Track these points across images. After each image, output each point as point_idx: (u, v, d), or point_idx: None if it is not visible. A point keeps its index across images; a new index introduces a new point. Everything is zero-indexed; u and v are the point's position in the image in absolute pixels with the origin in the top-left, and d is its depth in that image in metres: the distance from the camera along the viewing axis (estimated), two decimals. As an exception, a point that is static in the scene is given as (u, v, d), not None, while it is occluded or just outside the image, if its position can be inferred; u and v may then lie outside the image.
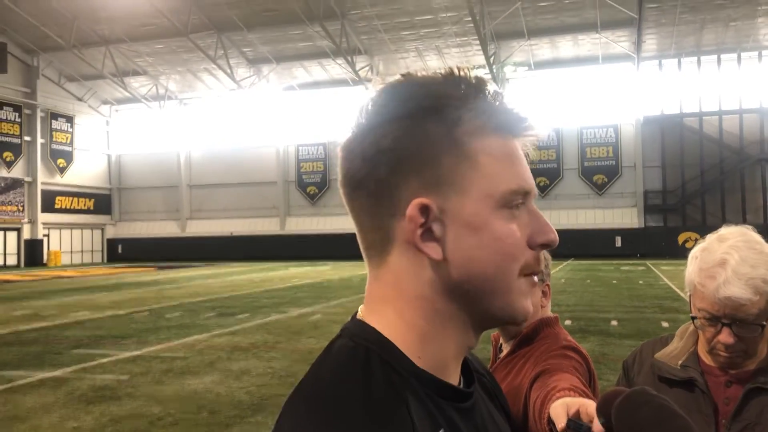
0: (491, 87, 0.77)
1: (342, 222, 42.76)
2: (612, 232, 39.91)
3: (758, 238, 1.50)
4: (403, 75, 0.78)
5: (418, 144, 0.73)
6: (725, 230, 1.53)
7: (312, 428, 0.67)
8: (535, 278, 0.79)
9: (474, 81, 0.77)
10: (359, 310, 0.81)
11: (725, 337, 1.46)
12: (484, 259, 0.74)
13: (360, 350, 0.74)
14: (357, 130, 0.76)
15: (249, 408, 6.77)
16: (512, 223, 0.75)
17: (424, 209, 0.73)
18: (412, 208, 0.72)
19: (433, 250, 0.73)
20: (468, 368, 0.86)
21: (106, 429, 6.14)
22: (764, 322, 1.45)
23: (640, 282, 21.47)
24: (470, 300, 0.76)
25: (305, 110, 45.38)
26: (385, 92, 0.77)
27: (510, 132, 0.77)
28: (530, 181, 0.78)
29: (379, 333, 0.76)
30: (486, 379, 0.95)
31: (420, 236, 0.73)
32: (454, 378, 0.79)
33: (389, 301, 0.77)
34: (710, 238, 1.53)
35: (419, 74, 0.78)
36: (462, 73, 0.77)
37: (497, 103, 0.77)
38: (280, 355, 9.66)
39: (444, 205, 0.73)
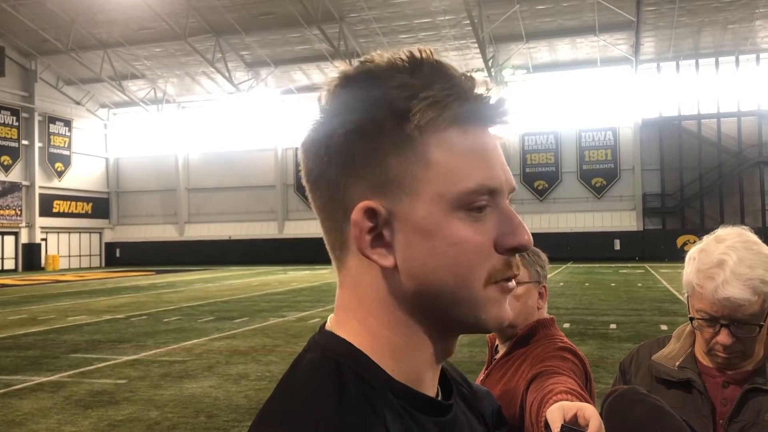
0: (455, 71, 0.69)
1: (340, 225, 42.71)
2: (611, 235, 39.92)
3: (755, 238, 1.50)
4: (361, 61, 0.71)
5: (366, 142, 0.67)
6: (722, 231, 1.53)
7: None
8: (510, 284, 0.70)
9: (434, 65, 0.68)
10: (328, 320, 0.76)
11: (724, 337, 1.45)
12: (440, 268, 0.67)
13: (330, 364, 0.68)
14: (314, 123, 0.71)
15: (247, 412, 6.75)
16: (471, 227, 0.67)
17: (371, 213, 0.67)
18: (356, 213, 0.67)
19: (383, 257, 0.67)
20: (446, 378, 0.80)
21: (103, 433, 6.12)
22: (762, 323, 1.45)
23: (639, 285, 21.47)
24: (432, 309, 0.69)
25: (303, 114, 45.36)
26: (340, 81, 0.70)
27: (475, 121, 0.68)
28: (498, 178, 0.68)
29: (349, 344, 0.70)
30: (465, 389, 0.89)
31: (369, 242, 0.67)
32: (431, 389, 0.73)
33: (353, 311, 0.72)
34: (708, 239, 1.52)
35: (381, 58, 0.69)
36: (423, 56, 0.68)
37: (460, 89, 0.68)
38: (278, 359, 9.64)
39: (393, 209, 0.67)
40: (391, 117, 0.66)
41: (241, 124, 46.74)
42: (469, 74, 0.69)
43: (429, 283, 0.67)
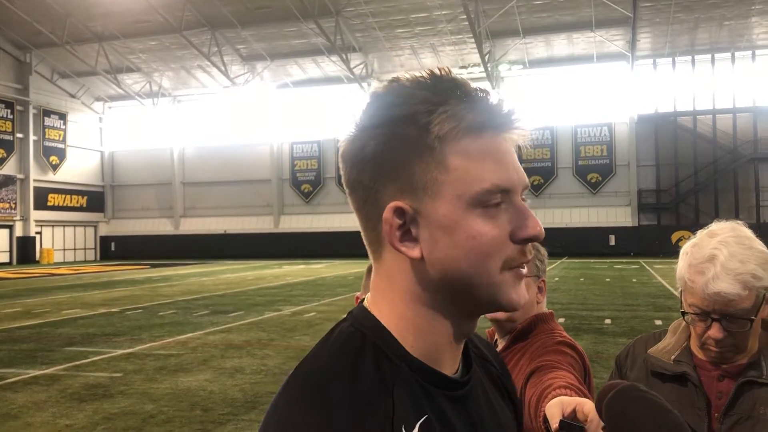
0: (470, 86, 0.79)
1: (336, 220, 42.74)
2: (606, 231, 40.02)
3: (748, 233, 1.50)
4: (390, 80, 0.81)
5: (394, 151, 0.77)
6: (716, 226, 1.54)
7: (295, 406, 0.72)
8: (523, 270, 0.80)
9: (451, 83, 0.78)
10: (366, 297, 0.86)
11: (715, 332, 1.46)
12: (460, 257, 0.76)
13: (357, 335, 0.79)
14: (350, 136, 0.80)
15: (242, 405, 6.76)
16: (488, 222, 0.77)
17: (400, 212, 0.77)
18: (387, 212, 0.77)
19: (411, 249, 0.77)
20: (469, 356, 0.89)
21: (98, 427, 6.12)
22: (753, 317, 1.45)
23: (634, 280, 21.54)
24: (454, 293, 0.79)
25: (300, 108, 45.30)
26: (371, 98, 0.80)
27: (489, 129, 0.78)
28: (510, 179, 0.79)
29: (377, 320, 0.81)
30: (494, 369, 0.97)
31: (399, 237, 0.78)
32: (450, 366, 0.83)
33: (384, 294, 0.82)
34: (701, 233, 1.53)
35: (406, 77, 0.80)
36: (443, 74, 0.79)
37: (475, 102, 0.78)
38: (273, 353, 9.65)
39: (419, 208, 0.77)
40: (415, 129, 0.76)
41: (236, 118, 46.61)
42: (482, 88, 0.79)
43: (451, 270, 0.77)
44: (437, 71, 0.79)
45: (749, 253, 1.44)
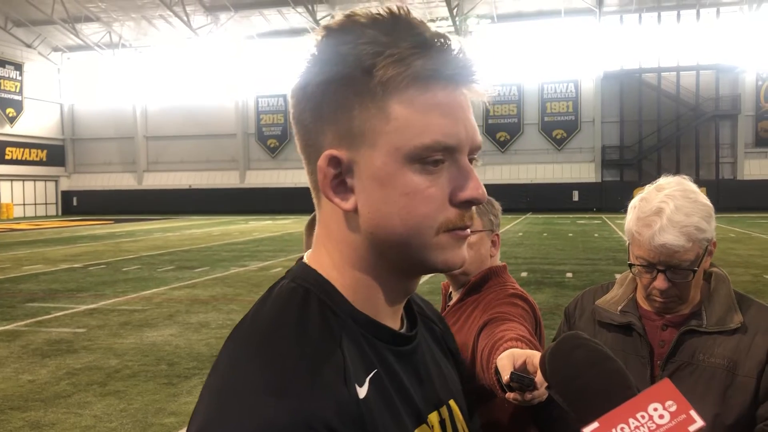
0: (427, 31, 0.72)
1: (303, 175, 41.95)
2: (570, 187, 40.55)
3: (694, 187, 1.56)
4: (347, 14, 0.75)
5: (335, 92, 0.72)
6: (663, 180, 1.59)
7: (245, 365, 0.68)
8: (464, 232, 0.76)
9: (407, 24, 0.72)
10: (306, 253, 0.83)
11: (660, 283, 1.52)
12: (393, 215, 0.72)
13: (300, 291, 0.76)
14: (299, 74, 0.76)
15: (208, 360, 6.80)
16: (425, 179, 0.72)
17: (335, 161, 0.73)
18: (322, 160, 0.73)
19: (344, 201, 0.74)
20: (413, 314, 0.86)
21: (62, 382, 6.11)
22: (696, 268, 1.51)
23: (596, 235, 21.96)
24: (389, 251, 0.75)
25: (265, 61, 44.42)
26: (323, 33, 0.74)
27: (440, 80, 0.71)
28: (457, 136, 0.72)
29: (320, 275, 0.77)
30: (437, 326, 0.95)
31: (332, 188, 0.74)
32: (393, 322, 0.80)
33: (325, 245, 0.79)
34: (649, 188, 1.58)
35: (363, 13, 0.74)
36: (401, 14, 0.73)
37: (429, 48, 0.71)
38: (239, 308, 9.68)
39: (355, 158, 0.72)
40: (358, 71, 0.70)
41: (200, 71, 45.56)
42: (441, 34, 0.72)
43: (383, 227, 0.73)
44: (395, 10, 0.73)
45: (694, 206, 1.50)
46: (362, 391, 0.70)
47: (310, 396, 0.65)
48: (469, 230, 0.76)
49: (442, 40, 0.72)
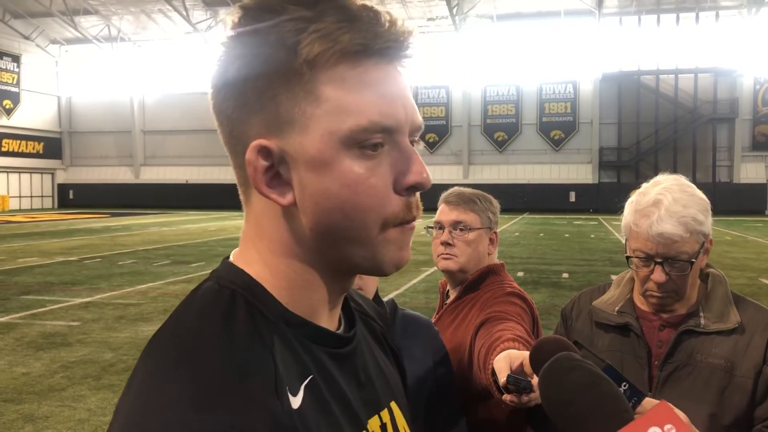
0: (356, 4, 0.65)
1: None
2: (567, 187, 40.59)
3: (690, 183, 1.57)
4: None
5: (257, 77, 0.64)
6: (660, 177, 1.61)
7: (163, 380, 0.60)
8: (410, 225, 0.69)
9: None
10: (231, 253, 0.76)
11: (658, 275, 1.52)
12: (333, 209, 0.66)
13: (225, 293, 0.68)
14: (217, 60, 0.68)
15: (202, 354, 6.78)
16: (365, 166, 0.65)
17: (265, 152, 0.66)
18: (250, 152, 0.66)
19: (282, 196, 0.67)
20: (351, 312, 0.81)
21: (56, 375, 6.09)
22: (693, 260, 1.52)
23: (592, 236, 21.99)
24: (328, 249, 0.69)
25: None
26: (240, 15, 0.67)
27: (372, 55, 0.65)
28: (395, 116, 0.66)
29: (247, 275, 0.70)
30: (377, 325, 0.89)
31: (266, 182, 0.67)
32: (330, 323, 0.74)
33: (254, 243, 0.72)
34: (646, 185, 1.59)
35: None
36: None
37: (357, 21, 0.64)
38: (234, 303, 9.64)
39: (286, 147, 0.65)
40: (282, 51, 0.63)
41: (198, 65, 45.42)
42: (369, 6, 0.66)
43: (323, 223, 0.67)
44: None
45: (691, 199, 1.51)
46: (296, 401, 0.64)
47: (238, 409, 0.58)
48: (414, 223, 0.70)
49: (372, 13, 0.65)
